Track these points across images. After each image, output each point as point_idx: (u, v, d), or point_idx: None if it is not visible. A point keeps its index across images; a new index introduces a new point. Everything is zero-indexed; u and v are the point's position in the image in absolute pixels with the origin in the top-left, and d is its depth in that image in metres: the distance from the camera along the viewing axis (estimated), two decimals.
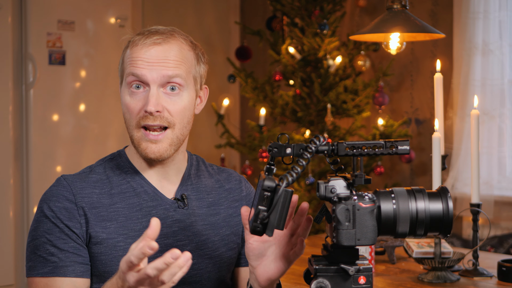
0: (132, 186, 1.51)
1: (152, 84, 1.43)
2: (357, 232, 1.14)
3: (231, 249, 1.58)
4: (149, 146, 1.45)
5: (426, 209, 1.16)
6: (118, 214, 1.47)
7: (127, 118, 1.47)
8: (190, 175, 1.58)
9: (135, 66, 1.44)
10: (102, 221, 1.45)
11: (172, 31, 1.50)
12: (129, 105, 1.46)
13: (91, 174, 1.52)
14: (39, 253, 1.44)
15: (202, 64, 1.55)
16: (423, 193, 1.17)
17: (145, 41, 1.45)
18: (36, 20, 4.03)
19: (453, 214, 3.44)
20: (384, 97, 3.78)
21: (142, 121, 1.44)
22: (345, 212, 1.14)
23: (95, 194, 1.48)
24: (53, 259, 1.42)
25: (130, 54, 1.46)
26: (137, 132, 1.46)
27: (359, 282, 1.16)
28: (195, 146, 4.90)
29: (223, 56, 4.98)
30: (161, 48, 1.45)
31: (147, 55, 1.44)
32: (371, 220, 1.15)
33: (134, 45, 1.46)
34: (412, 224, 1.16)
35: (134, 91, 1.45)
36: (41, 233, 1.45)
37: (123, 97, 1.48)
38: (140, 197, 1.50)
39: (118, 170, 1.53)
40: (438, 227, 1.17)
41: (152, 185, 1.52)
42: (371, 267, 1.18)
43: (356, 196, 1.15)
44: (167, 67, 1.44)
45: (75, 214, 1.45)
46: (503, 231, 3.50)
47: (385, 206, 1.16)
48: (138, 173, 1.52)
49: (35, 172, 4.04)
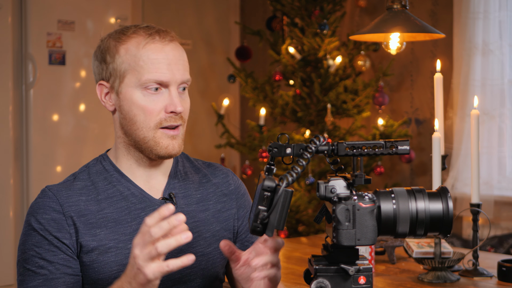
0: (119, 190, 1.49)
1: (173, 85, 1.44)
2: (357, 232, 1.14)
3: None
4: (171, 143, 1.45)
5: (426, 209, 1.16)
6: (107, 220, 1.45)
7: (140, 120, 1.44)
8: (177, 172, 1.57)
9: (157, 71, 1.42)
10: (92, 229, 1.44)
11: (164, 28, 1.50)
12: (147, 106, 1.44)
13: (76, 181, 1.49)
14: (28, 266, 1.42)
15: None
16: (423, 193, 1.17)
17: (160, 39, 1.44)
18: (36, 20, 4.03)
19: (453, 214, 3.45)
20: (384, 97, 3.78)
21: (165, 122, 1.44)
22: (345, 212, 1.14)
23: (82, 202, 1.46)
24: (43, 271, 1.41)
25: (146, 55, 1.43)
26: (155, 133, 1.45)
27: (359, 282, 1.16)
28: (195, 146, 4.90)
29: (223, 56, 4.99)
30: (173, 45, 1.46)
31: (165, 55, 1.44)
32: (371, 220, 1.15)
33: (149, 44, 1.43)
34: (412, 224, 1.16)
35: (151, 92, 1.44)
36: (29, 246, 1.43)
37: (135, 98, 1.44)
38: (128, 200, 1.48)
39: (103, 175, 1.51)
40: (438, 227, 1.17)
41: (139, 187, 1.50)
42: (371, 267, 1.18)
43: (356, 196, 1.15)
44: (183, 70, 1.46)
45: (64, 224, 1.43)
46: (503, 231, 3.50)
47: (385, 206, 1.16)
48: (123, 176, 1.50)
49: (35, 172, 4.04)
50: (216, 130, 4.47)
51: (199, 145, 4.92)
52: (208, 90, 5.03)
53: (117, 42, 1.46)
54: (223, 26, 5.10)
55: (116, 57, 1.46)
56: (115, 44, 1.46)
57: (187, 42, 4.92)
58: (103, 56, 1.48)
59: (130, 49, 1.44)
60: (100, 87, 1.52)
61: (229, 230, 1.59)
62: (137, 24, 1.50)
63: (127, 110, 1.46)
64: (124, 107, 1.46)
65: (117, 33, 1.48)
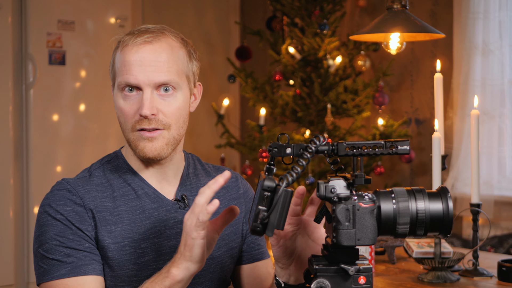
0: (133, 189, 1.49)
1: (146, 88, 1.42)
2: (357, 232, 1.14)
3: (232, 248, 1.57)
4: (147, 145, 1.44)
5: (426, 209, 1.16)
6: (122, 217, 1.45)
7: (122, 121, 1.46)
8: (189, 175, 1.57)
9: (128, 73, 1.42)
10: (107, 225, 1.43)
11: (162, 29, 1.48)
12: (123, 108, 1.44)
13: (92, 177, 1.49)
14: (52, 256, 1.39)
15: (194, 61, 1.51)
16: (423, 193, 1.17)
17: (136, 40, 1.43)
18: (36, 20, 4.03)
19: (453, 214, 3.45)
20: (384, 97, 3.78)
21: (138, 124, 1.43)
22: (345, 212, 1.14)
23: (98, 198, 1.46)
24: (70, 259, 1.39)
25: (122, 56, 1.44)
26: (133, 135, 1.45)
27: (359, 282, 1.16)
28: (195, 146, 4.90)
29: (223, 56, 4.99)
30: (152, 47, 1.43)
31: (139, 56, 1.42)
32: (371, 220, 1.14)
33: (125, 46, 1.44)
34: (412, 224, 1.16)
35: (127, 94, 1.44)
36: (51, 236, 1.40)
37: (117, 101, 1.46)
38: (142, 199, 1.48)
39: (117, 172, 1.51)
40: (438, 227, 1.17)
41: (152, 186, 1.51)
42: (371, 267, 1.18)
43: (356, 196, 1.15)
44: (159, 72, 1.42)
45: (85, 217, 1.42)
46: (503, 231, 3.50)
47: (385, 206, 1.16)
48: (137, 175, 1.51)
49: (35, 172, 4.04)
50: (216, 130, 4.47)
51: (199, 145, 4.92)
52: (208, 90, 5.03)
53: (115, 48, 1.49)
54: (223, 26, 5.10)
55: (112, 63, 1.49)
56: (114, 51, 1.49)
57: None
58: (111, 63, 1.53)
59: (117, 53, 1.47)
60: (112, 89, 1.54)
61: (238, 234, 1.60)
62: (140, 27, 1.49)
63: (116, 113, 1.49)
64: (115, 110, 1.49)
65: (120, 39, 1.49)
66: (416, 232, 1.17)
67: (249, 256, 1.62)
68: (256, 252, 1.63)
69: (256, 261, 1.63)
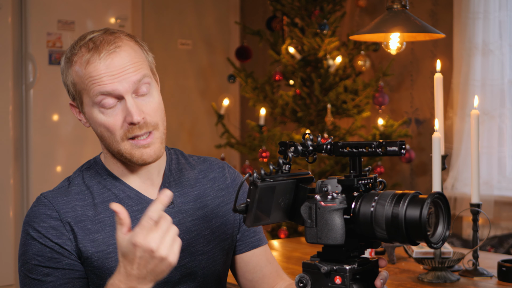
0: (114, 193, 1.47)
1: (127, 95, 1.40)
2: (318, 230, 1.15)
3: (223, 240, 1.55)
4: (144, 152, 1.42)
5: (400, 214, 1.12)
6: (104, 224, 1.43)
7: (107, 136, 1.42)
8: (171, 171, 1.55)
9: (102, 84, 1.39)
10: (89, 234, 1.41)
11: (112, 32, 1.45)
12: (107, 122, 1.41)
13: (71, 186, 1.47)
14: (33, 276, 1.39)
15: (149, 53, 1.50)
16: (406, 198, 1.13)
17: (100, 56, 1.39)
18: (36, 20, 4.03)
19: (453, 214, 3.45)
20: (384, 97, 3.78)
21: (129, 133, 1.40)
22: (308, 210, 1.16)
23: (78, 207, 1.43)
24: (49, 279, 1.38)
25: (89, 73, 1.40)
26: (124, 145, 1.42)
27: (335, 281, 1.17)
28: (195, 146, 4.90)
29: (223, 56, 4.99)
30: (117, 55, 1.40)
31: (109, 68, 1.39)
32: (334, 219, 1.15)
33: (89, 63, 1.40)
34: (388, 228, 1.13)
35: (106, 108, 1.40)
36: (30, 256, 1.39)
37: (95, 117, 1.42)
38: (124, 203, 1.45)
39: (96, 179, 1.49)
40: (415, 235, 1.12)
41: (134, 188, 1.48)
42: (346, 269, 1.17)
43: (319, 195, 1.16)
44: (133, 72, 1.40)
45: (63, 231, 1.40)
46: (503, 231, 3.50)
47: (364, 209, 1.16)
48: (117, 179, 1.48)
49: (35, 172, 4.04)
50: (216, 130, 4.47)
51: (199, 145, 4.92)
52: (208, 90, 5.03)
53: (67, 63, 1.45)
54: (223, 26, 5.10)
55: (70, 80, 1.45)
56: (67, 68, 1.45)
57: (187, 42, 4.92)
58: (63, 78, 1.48)
59: (77, 71, 1.43)
60: (72, 107, 1.50)
61: (230, 225, 1.57)
62: (84, 36, 1.45)
63: (94, 128, 1.45)
64: (92, 126, 1.45)
65: (67, 52, 1.46)
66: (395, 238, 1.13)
67: (245, 244, 1.60)
68: (252, 240, 1.60)
69: (253, 248, 1.60)
